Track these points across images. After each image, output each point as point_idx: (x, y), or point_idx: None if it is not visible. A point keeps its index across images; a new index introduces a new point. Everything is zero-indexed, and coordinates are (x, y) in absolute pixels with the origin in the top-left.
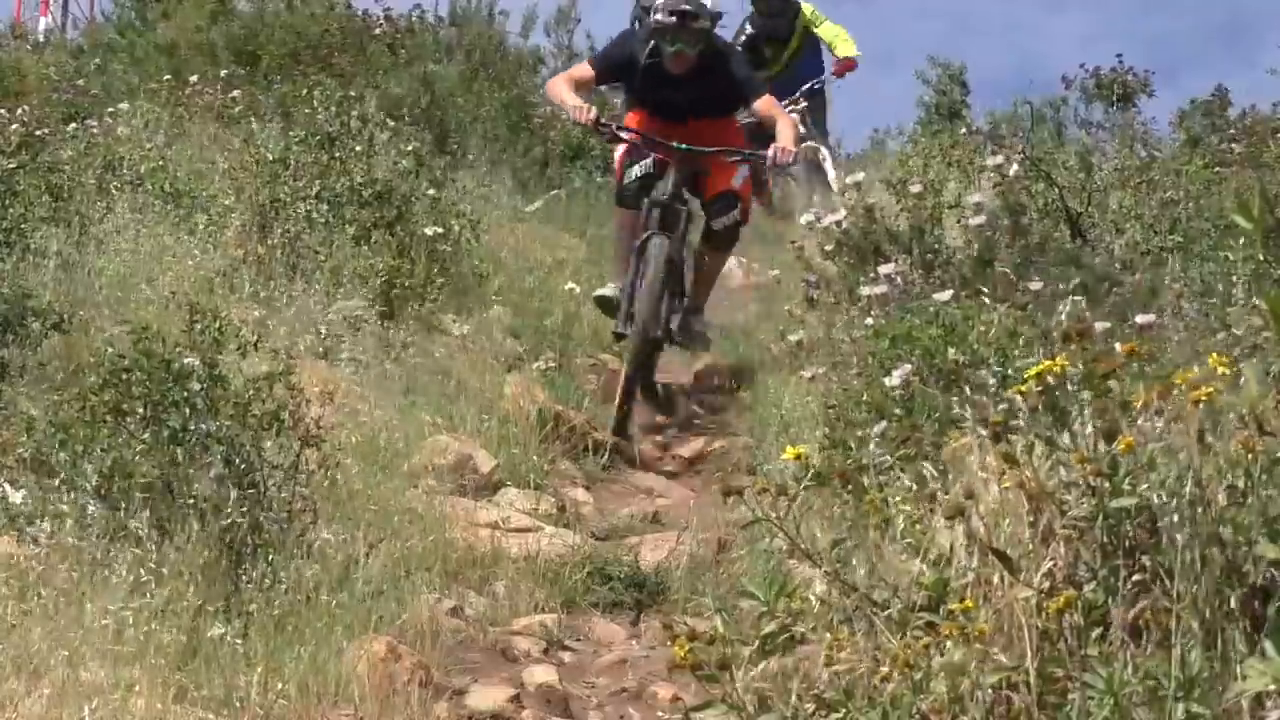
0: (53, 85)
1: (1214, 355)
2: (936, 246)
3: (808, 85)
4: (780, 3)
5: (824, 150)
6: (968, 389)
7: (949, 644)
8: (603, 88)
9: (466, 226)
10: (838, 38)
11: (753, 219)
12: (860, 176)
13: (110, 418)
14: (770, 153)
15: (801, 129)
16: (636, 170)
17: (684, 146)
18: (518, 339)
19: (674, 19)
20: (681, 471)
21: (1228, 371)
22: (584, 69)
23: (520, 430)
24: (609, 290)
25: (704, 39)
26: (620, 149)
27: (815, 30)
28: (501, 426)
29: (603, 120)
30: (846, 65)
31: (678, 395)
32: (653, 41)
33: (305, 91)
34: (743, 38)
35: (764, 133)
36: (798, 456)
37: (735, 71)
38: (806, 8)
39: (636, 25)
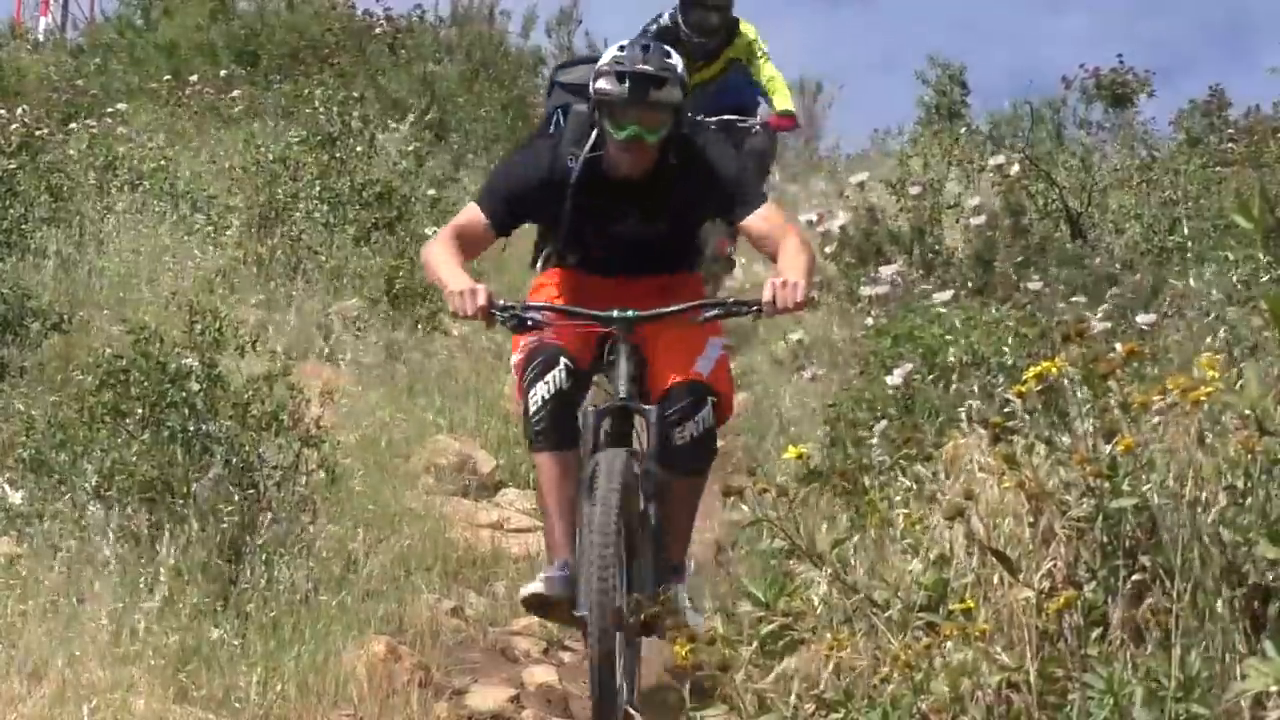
0: (53, 85)
1: (1204, 358)
2: (936, 247)
3: (745, 122)
4: (718, 23)
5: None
6: (968, 389)
7: (949, 644)
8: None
9: None
10: (775, 86)
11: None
12: (863, 177)
13: (109, 418)
14: (768, 295)
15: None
16: (542, 390)
17: (631, 314)
18: None
19: (626, 86)
20: None
21: (1218, 375)
22: (470, 217)
23: (520, 430)
24: (538, 584)
25: (670, 120)
26: (519, 343)
27: (751, 66)
28: (502, 427)
29: (499, 304)
30: (786, 122)
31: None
32: (594, 130)
33: (306, 91)
34: (653, 27)
35: (730, 135)
36: (799, 456)
37: (718, 166)
38: (748, 31)
39: (556, 122)
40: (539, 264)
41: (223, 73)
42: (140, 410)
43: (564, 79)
